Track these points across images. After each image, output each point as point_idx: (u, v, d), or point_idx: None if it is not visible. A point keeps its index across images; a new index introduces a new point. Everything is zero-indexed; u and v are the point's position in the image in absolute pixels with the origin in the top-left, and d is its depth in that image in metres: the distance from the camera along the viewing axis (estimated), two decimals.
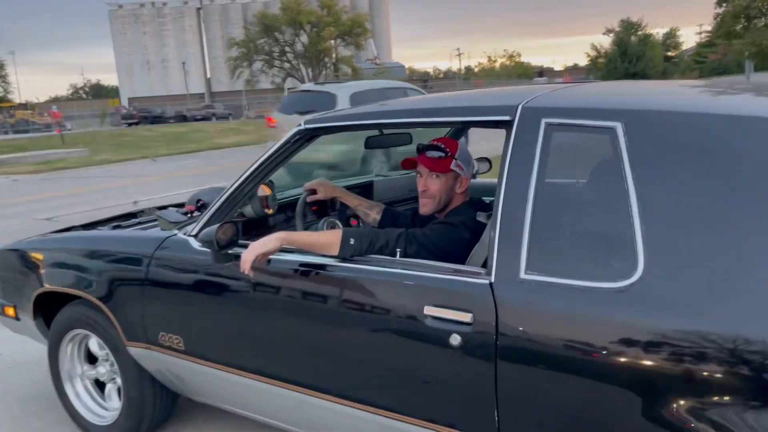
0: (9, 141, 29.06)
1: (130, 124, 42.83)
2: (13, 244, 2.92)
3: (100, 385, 2.77)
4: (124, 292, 2.40)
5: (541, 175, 1.56)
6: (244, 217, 2.39)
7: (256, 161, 2.15)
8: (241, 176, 2.17)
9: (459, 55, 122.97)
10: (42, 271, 2.68)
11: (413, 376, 1.73)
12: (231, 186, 2.19)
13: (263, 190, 2.37)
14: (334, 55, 63.06)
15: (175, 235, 2.33)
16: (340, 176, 3.23)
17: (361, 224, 2.70)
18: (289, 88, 62.65)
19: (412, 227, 2.26)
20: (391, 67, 73.52)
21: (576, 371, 1.45)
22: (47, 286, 2.64)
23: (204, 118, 43.97)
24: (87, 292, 2.49)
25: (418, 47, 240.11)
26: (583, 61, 75.61)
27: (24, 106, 58.56)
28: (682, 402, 1.33)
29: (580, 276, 1.46)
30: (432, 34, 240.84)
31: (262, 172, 2.15)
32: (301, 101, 10.00)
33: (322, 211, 2.64)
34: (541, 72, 78.87)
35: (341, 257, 1.89)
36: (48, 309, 2.74)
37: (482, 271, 1.63)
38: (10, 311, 2.86)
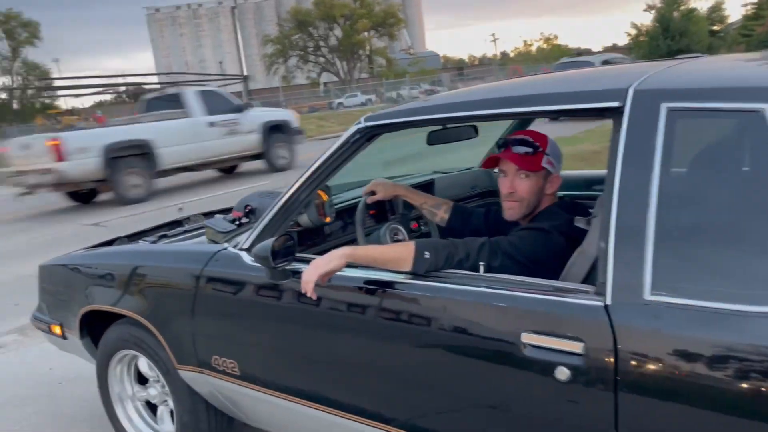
0: None
1: None
2: (58, 259, 2.78)
3: (151, 407, 2.61)
4: (172, 311, 2.21)
5: (666, 172, 1.28)
6: (300, 226, 2.17)
7: (311, 165, 1.92)
8: (295, 183, 1.94)
9: (494, 40, 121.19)
10: (87, 288, 2.52)
11: (507, 415, 1.47)
12: (284, 194, 1.96)
13: (319, 197, 2.14)
14: (368, 47, 62.83)
15: (225, 249, 2.12)
16: (397, 176, 2.98)
17: (422, 227, 2.45)
18: (324, 83, 62.74)
19: (486, 228, 2.00)
20: (426, 56, 72.97)
21: (722, 410, 1.18)
22: (93, 305, 2.48)
23: None
24: (133, 311, 2.31)
25: (452, 35, 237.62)
26: (622, 41, 73.48)
27: (70, 112, 59.96)
28: None
29: (723, 297, 1.19)
30: (465, 21, 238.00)
31: (319, 178, 1.91)
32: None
33: (381, 215, 2.40)
34: (579, 53, 76.94)
35: (414, 273, 1.64)
36: (96, 328, 2.59)
37: (591, 289, 1.36)
38: (57, 329, 2.72)
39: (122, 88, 16.38)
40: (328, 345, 1.83)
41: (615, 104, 1.37)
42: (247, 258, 2.01)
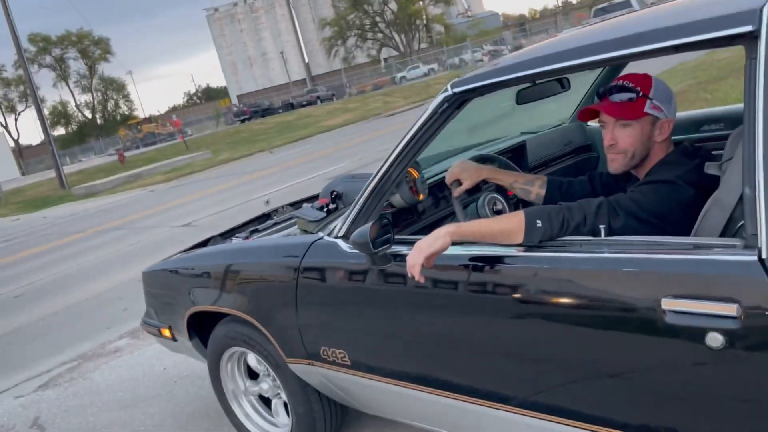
0: (140, 155, 31.26)
1: (242, 120, 44.53)
2: (159, 264, 2.84)
3: (265, 401, 2.63)
4: (275, 306, 2.19)
5: None
6: (393, 207, 2.09)
7: (400, 142, 1.82)
8: (385, 162, 1.85)
9: None
10: (190, 290, 2.56)
11: (653, 391, 1.34)
12: (375, 175, 1.88)
13: (410, 174, 2.04)
14: (424, 16, 61.82)
15: (321, 238, 2.07)
16: (484, 142, 2.83)
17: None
18: (384, 58, 62.43)
19: (594, 195, 1.83)
20: (485, 17, 71.02)
21: None
22: (198, 306, 2.51)
23: (309, 103, 44.76)
24: (237, 309, 2.32)
25: None
26: None
27: (148, 120, 62.79)
28: None
29: None
30: None
31: (410, 153, 1.81)
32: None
33: (477, 186, 2.28)
34: None
35: (527, 244, 1.52)
36: (203, 327, 2.62)
37: (739, 242, 1.20)
38: (167, 332, 2.78)
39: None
40: (436, 328, 1.75)
41: (747, 28, 1.19)
42: (344, 245, 1.95)
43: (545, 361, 1.53)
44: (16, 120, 71.44)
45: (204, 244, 2.86)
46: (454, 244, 1.62)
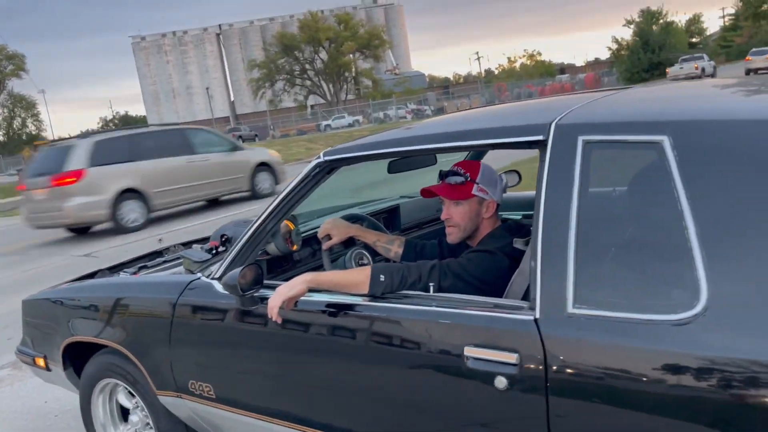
0: None
1: None
2: (41, 293, 2.88)
3: None
4: (151, 340, 2.32)
5: (583, 197, 1.42)
6: (268, 255, 2.29)
7: (276, 198, 2.05)
8: (261, 214, 2.07)
9: (478, 59, 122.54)
10: (69, 320, 2.63)
11: (457, 422, 1.60)
12: (252, 225, 2.09)
13: (287, 226, 2.27)
14: (353, 69, 63.39)
15: (198, 278, 2.25)
16: (364, 202, 3.11)
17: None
18: (311, 105, 63.13)
19: (440, 257, 2.13)
20: (411, 76, 73.58)
21: (636, 409, 1.32)
22: (75, 336, 2.58)
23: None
24: (114, 341, 2.42)
25: (437, 54, 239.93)
26: (604, 55, 74.57)
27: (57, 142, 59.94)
28: None
29: (634, 308, 1.32)
30: (450, 40, 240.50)
31: (283, 209, 2.05)
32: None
33: (349, 240, 2.53)
34: (563, 69, 77.95)
35: (371, 295, 1.77)
36: (78, 358, 2.68)
37: (525, 305, 1.50)
38: (41, 362, 2.81)
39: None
40: (295, 365, 1.95)
41: (539, 138, 1.52)
42: (218, 287, 2.13)
43: (382, 398, 1.77)
44: None
45: (91, 276, 2.94)
46: (311, 290, 1.84)
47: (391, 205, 2.94)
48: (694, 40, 64.63)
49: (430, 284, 1.77)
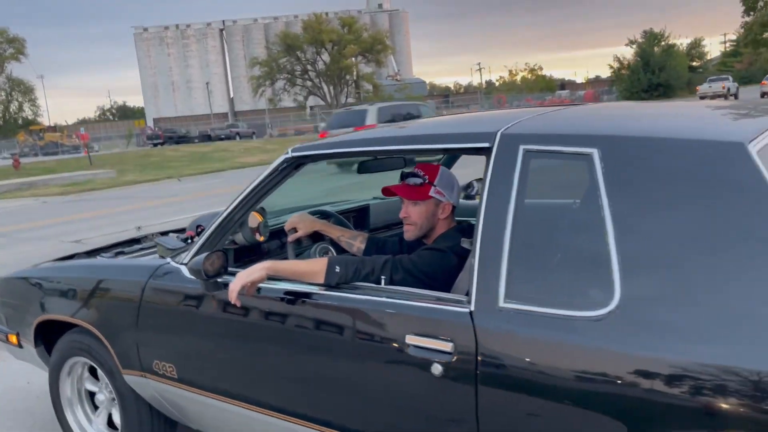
0: (38, 163, 29.72)
1: (155, 145, 43.50)
2: (16, 272, 2.96)
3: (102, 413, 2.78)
4: (119, 320, 2.40)
5: (520, 202, 1.53)
6: (236, 244, 2.38)
7: (244, 189, 2.15)
8: (230, 205, 2.17)
9: (479, 69, 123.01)
10: (42, 299, 2.71)
11: (397, 405, 1.71)
12: (221, 215, 2.19)
13: (255, 218, 2.36)
14: (355, 73, 63.58)
15: (168, 263, 2.34)
16: (338, 201, 3.21)
17: None
18: (311, 106, 63.21)
19: (399, 254, 2.23)
20: (412, 83, 73.76)
21: (555, 399, 1.42)
22: (47, 315, 2.66)
23: (228, 138, 44.45)
24: (86, 320, 2.50)
25: (439, 63, 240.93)
26: (605, 73, 75.02)
27: (53, 128, 59.83)
28: (652, 428, 1.29)
29: (557, 305, 1.44)
30: (452, 49, 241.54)
31: (251, 200, 2.14)
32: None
33: (318, 235, 2.62)
34: (563, 85, 78.41)
35: (327, 285, 1.87)
36: (49, 337, 2.76)
37: (464, 299, 1.60)
38: (13, 339, 2.89)
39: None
40: (251, 349, 2.05)
41: (486, 145, 1.63)
42: (186, 271, 2.22)
43: (333, 381, 1.86)
44: None
45: (69, 258, 3.02)
46: (270, 278, 1.94)
47: (361, 205, 3.04)
48: (694, 63, 65.17)
49: (382, 277, 1.86)
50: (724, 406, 1.22)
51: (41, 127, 56.16)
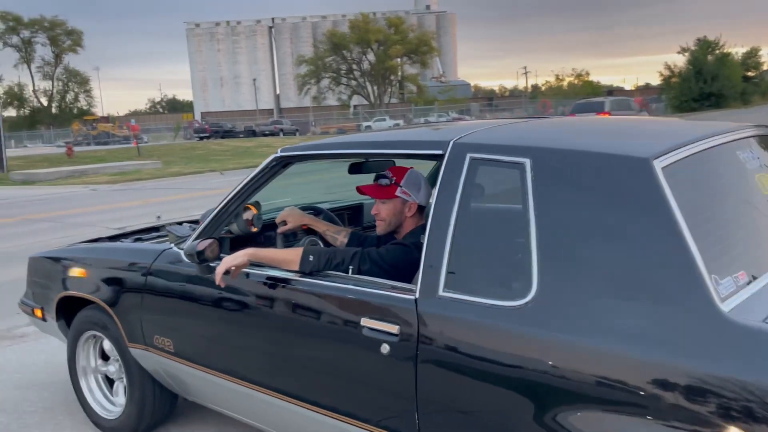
0: (90, 152, 30.90)
1: (201, 138, 44.61)
2: (44, 252, 3.25)
3: (112, 383, 3.04)
4: (127, 298, 2.66)
5: (463, 204, 1.70)
6: (232, 234, 2.61)
7: (238, 184, 2.37)
8: (225, 198, 2.39)
9: (525, 73, 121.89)
10: (64, 277, 2.99)
11: (353, 380, 1.91)
12: (217, 207, 2.41)
13: (249, 210, 2.58)
14: (399, 73, 63.82)
15: (171, 248, 2.58)
16: (336, 200, 3.40)
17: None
18: (354, 105, 63.59)
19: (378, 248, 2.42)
20: (456, 85, 73.61)
21: (483, 378, 1.60)
22: (67, 291, 2.94)
23: (272, 134, 45.25)
24: (98, 297, 2.77)
25: (485, 66, 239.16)
26: (655, 81, 73.45)
27: (106, 119, 62.09)
28: (564, 407, 1.46)
29: (487, 294, 1.61)
30: (499, 52, 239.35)
31: (243, 195, 2.36)
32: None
33: (311, 229, 2.82)
34: (611, 91, 77.02)
35: (301, 272, 2.07)
36: (69, 312, 3.04)
37: (413, 287, 1.78)
38: (39, 313, 3.18)
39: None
40: (234, 327, 2.27)
41: (439, 152, 1.81)
42: (184, 256, 2.45)
43: (302, 360, 2.07)
44: None
45: (93, 242, 3.30)
46: (252, 264, 2.15)
47: (355, 204, 3.23)
48: (749, 73, 63.15)
49: (350, 267, 2.06)
50: (618, 382, 1.39)
51: (95, 117, 58.27)
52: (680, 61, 58.88)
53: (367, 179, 2.81)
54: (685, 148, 1.58)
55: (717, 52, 57.50)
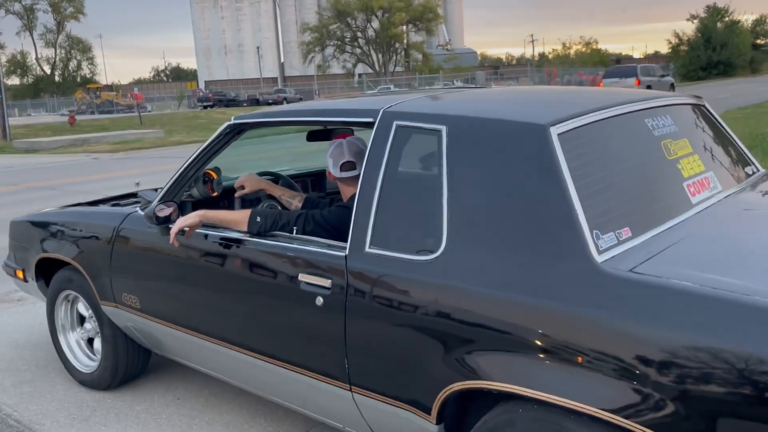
0: (93, 121, 30.99)
1: (205, 107, 44.61)
2: (24, 216, 3.40)
3: (91, 341, 3.21)
4: (97, 258, 2.81)
5: (389, 168, 1.83)
6: (193, 198, 2.74)
7: (195, 151, 2.49)
8: (183, 163, 2.52)
9: (532, 41, 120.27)
10: (42, 239, 3.14)
11: (293, 330, 2.07)
12: (176, 172, 2.54)
13: (209, 175, 2.71)
14: (405, 41, 63.13)
15: (136, 211, 2.72)
16: (302, 168, 3.52)
17: None
18: (359, 74, 63.05)
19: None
20: (462, 53, 72.74)
21: (400, 323, 1.75)
22: (45, 253, 3.09)
23: (275, 102, 45.13)
24: (71, 257, 2.92)
25: (491, 33, 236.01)
26: (664, 48, 72.46)
27: (109, 87, 61.93)
28: (466, 347, 1.62)
29: (405, 250, 1.76)
30: (505, 20, 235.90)
31: (201, 161, 2.49)
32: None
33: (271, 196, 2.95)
34: (618, 60, 76.04)
35: (250, 233, 2.21)
36: (48, 272, 3.20)
37: (344, 245, 1.92)
38: (20, 274, 3.34)
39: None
40: (190, 283, 2.43)
41: (370, 120, 1.92)
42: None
43: (249, 313, 2.22)
44: None
45: (70, 207, 3.44)
46: (204, 225, 2.30)
47: (318, 170, 3.36)
48: (759, 41, 62.18)
49: (294, 228, 2.19)
50: (503, 324, 1.55)
51: (98, 85, 58.15)
52: (689, 28, 58.01)
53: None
54: (586, 116, 1.70)
55: (726, 19, 56.61)
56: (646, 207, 1.70)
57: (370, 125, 1.94)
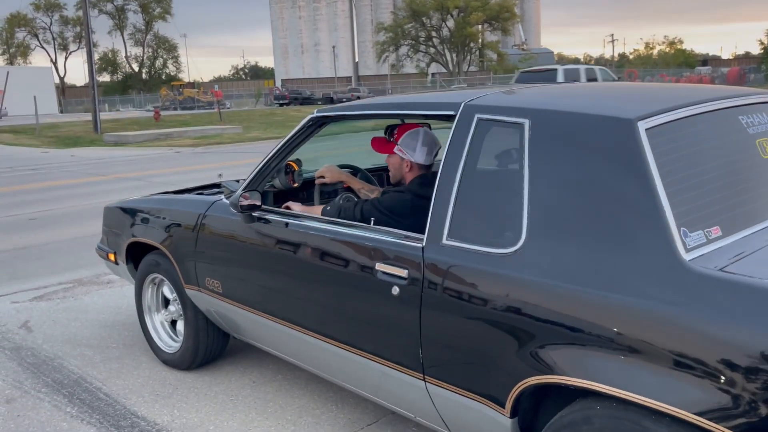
0: (175, 116, 32.31)
1: (281, 104, 45.68)
2: (116, 202, 3.61)
3: (174, 323, 3.38)
4: (183, 244, 2.95)
5: (469, 161, 1.84)
6: (275, 188, 2.83)
7: (278, 143, 2.58)
8: (267, 155, 2.61)
9: (612, 41, 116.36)
10: (132, 224, 3.33)
11: (369, 319, 2.11)
12: (259, 163, 2.64)
13: (291, 167, 2.79)
14: (480, 41, 62.49)
15: (220, 199, 2.84)
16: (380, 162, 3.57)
17: None
18: (432, 73, 62.94)
19: None
20: (539, 53, 71.27)
21: (477, 316, 1.76)
22: (135, 238, 3.28)
23: (348, 100, 45.47)
24: (159, 242, 3.08)
25: (570, 33, 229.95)
26: (755, 49, 68.50)
27: (192, 85, 64.56)
28: (544, 343, 1.61)
29: (483, 243, 1.77)
30: (585, 19, 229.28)
31: (283, 153, 2.58)
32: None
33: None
34: (706, 61, 72.49)
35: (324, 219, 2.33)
36: (137, 256, 3.39)
37: (421, 236, 1.95)
38: (112, 257, 3.55)
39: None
40: (271, 270, 2.51)
41: (451, 113, 1.94)
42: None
43: (324, 299, 2.28)
44: (66, 59, 73.76)
45: (159, 195, 3.63)
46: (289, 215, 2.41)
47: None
48: None
49: (354, 215, 2.33)
50: (585, 320, 1.52)
51: (181, 83, 60.65)
52: None
53: None
54: (675, 111, 1.65)
55: None
56: (738, 206, 1.64)
57: (450, 118, 1.95)
